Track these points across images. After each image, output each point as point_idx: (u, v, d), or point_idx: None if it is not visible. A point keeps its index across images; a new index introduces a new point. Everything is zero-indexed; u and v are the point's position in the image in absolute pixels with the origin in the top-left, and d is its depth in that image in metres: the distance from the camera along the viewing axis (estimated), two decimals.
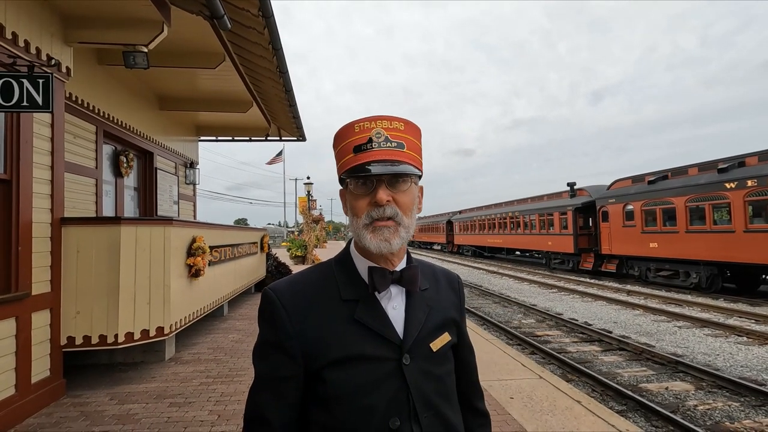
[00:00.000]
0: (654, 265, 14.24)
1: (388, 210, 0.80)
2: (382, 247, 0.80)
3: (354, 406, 0.77)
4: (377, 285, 0.82)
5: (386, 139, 0.81)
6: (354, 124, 0.83)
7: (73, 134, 5.03)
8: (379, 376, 0.79)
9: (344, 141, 0.84)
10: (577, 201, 18.34)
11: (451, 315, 0.94)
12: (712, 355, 6.52)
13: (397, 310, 0.85)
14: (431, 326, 0.87)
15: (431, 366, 0.84)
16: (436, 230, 41.14)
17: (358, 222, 0.82)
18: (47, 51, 3.69)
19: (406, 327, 0.83)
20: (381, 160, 0.80)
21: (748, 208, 10.90)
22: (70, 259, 3.93)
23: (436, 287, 0.95)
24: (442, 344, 0.88)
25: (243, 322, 6.93)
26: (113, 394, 3.84)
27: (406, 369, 0.80)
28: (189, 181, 9.05)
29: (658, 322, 8.84)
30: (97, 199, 5.60)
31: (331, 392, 0.78)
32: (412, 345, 0.82)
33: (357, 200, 0.82)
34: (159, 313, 4.34)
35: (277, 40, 4.93)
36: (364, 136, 0.81)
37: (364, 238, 0.81)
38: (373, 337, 0.80)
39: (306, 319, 0.81)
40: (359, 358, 0.79)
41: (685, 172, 13.31)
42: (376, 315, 0.82)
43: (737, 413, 4.47)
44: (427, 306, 0.89)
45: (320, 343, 0.79)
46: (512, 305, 11.37)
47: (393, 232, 0.81)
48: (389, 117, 0.83)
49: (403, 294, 0.87)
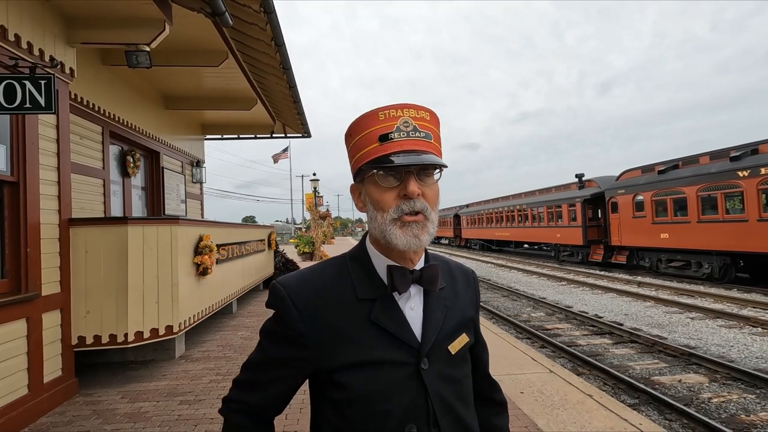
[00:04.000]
0: (665, 255, 14.05)
1: (419, 203, 0.75)
2: (412, 244, 0.75)
3: (368, 411, 0.74)
4: (397, 285, 0.77)
5: (414, 128, 0.77)
6: (378, 112, 0.78)
7: (79, 135, 5.05)
8: (397, 381, 0.75)
9: (366, 129, 0.78)
10: (585, 192, 18.14)
11: (468, 314, 0.90)
12: (725, 347, 6.42)
13: (414, 310, 0.81)
14: (449, 328, 0.83)
15: (450, 369, 0.81)
16: (444, 224, 41.06)
17: (384, 217, 0.76)
18: (50, 52, 3.70)
19: (424, 329, 0.79)
20: (410, 150, 0.75)
21: (762, 197, 10.69)
22: (79, 260, 3.96)
23: (452, 285, 0.90)
24: (461, 346, 0.84)
25: (252, 319, 6.96)
26: (125, 392, 3.88)
27: (425, 374, 0.77)
28: (196, 179, 9.09)
29: (669, 314, 8.73)
30: (105, 200, 5.63)
31: (345, 396, 0.75)
32: (431, 348, 0.79)
33: (383, 193, 0.77)
34: (168, 311, 4.37)
35: (280, 36, 4.90)
36: (390, 124, 0.76)
37: (392, 234, 0.75)
38: (391, 340, 0.77)
39: (317, 318, 0.77)
40: (375, 362, 0.75)
41: (696, 161, 13.09)
42: (394, 316, 0.78)
43: (753, 405, 4.40)
44: (444, 306, 0.85)
45: (334, 344, 0.76)
46: (521, 298, 11.30)
47: (422, 228, 0.76)
48: (416, 105, 0.79)
49: (421, 293, 0.82)
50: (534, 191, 23.69)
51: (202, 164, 9.38)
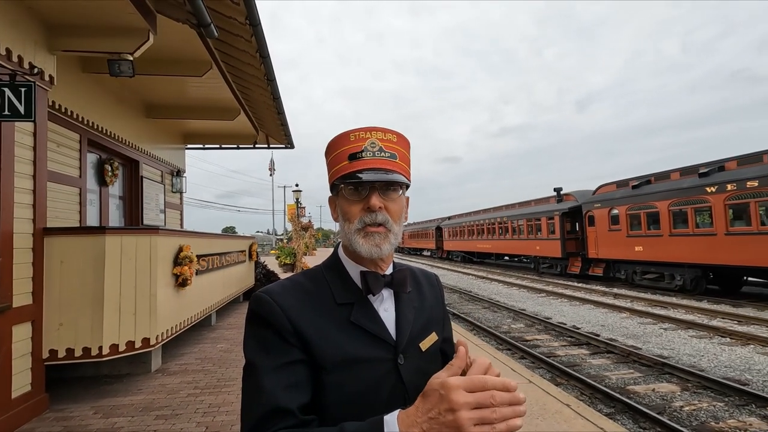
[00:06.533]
0: (640, 268, 14.46)
1: (380, 216, 0.83)
2: (373, 252, 0.83)
3: (354, 408, 0.78)
4: (371, 287, 0.84)
5: (380, 149, 0.85)
6: (349, 134, 0.86)
7: (56, 143, 4.95)
8: (378, 377, 0.81)
9: (339, 149, 0.86)
10: (563, 206, 18.59)
11: (435, 313, 0.99)
12: (696, 356, 6.64)
13: (388, 312, 0.88)
14: (419, 327, 0.91)
15: (423, 364, 0.88)
16: (426, 236, 41.24)
17: (350, 227, 0.85)
18: (30, 59, 3.64)
19: (398, 328, 0.87)
20: (375, 168, 0.83)
21: (729, 212, 11.18)
22: (53, 270, 3.85)
23: (418, 289, 0.99)
24: (431, 344, 0.92)
25: (232, 331, 6.85)
26: (98, 407, 3.76)
27: (402, 368, 0.83)
28: (176, 189, 8.95)
29: (644, 325, 8.98)
30: (81, 209, 5.50)
31: (331, 396, 0.78)
32: (405, 345, 0.86)
33: (350, 206, 0.85)
34: (145, 323, 4.27)
35: (265, 48, 4.94)
36: (359, 145, 0.84)
37: (356, 243, 0.84)
38: (370, 339, 0.83)
39: (302, 320, 0.80)
40: (359, 360, 0.80)
41: (667, 176, 13.61)
42: (371, 318, 0.85)
43: (722, 413, 4.55)
44: (413, 308, 0.92)
45: (319, 344, 0.79)
46: (502, 310, 11.43)
47: (383, 238, 0.84)
48: (383, 129, 0.87)
49: (392, 297, 0.90)
50: (514, 204, 24.12)
51: (182, 174, 9.26)
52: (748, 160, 11.06)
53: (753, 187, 10.46)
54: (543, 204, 20.77)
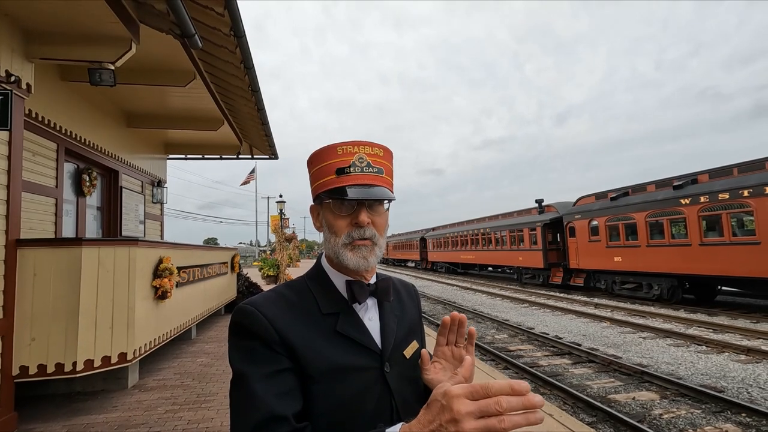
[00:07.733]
0: (619, 278, 14.77)
1: (368, 231, 0.85)
2: (360, 265, 0.85)
3: (342, 416, 0.78)
4: (357, 296, 0.85)
5: (368, 164, 0.86)
6: (336, 147, 0.86)
7: (31, 152, 4.82)
8: (366, 385, 0.81)
9: (325, 161, 0.86)
10: (545, 217, 18.91)
11: (414, 322, 1.01)
12: (674, 365, 6.78)
13: (372, 321, 0.89)
14: (402, 335, 0.93)
15: (408, 371, 0.89)
16: (410, 247, 41.29)
17: (337, 240, 0.86)
18: (6, 67, 3.57)
19: (383, 337, 0.88)
20: (363, 184, 0.84)
21: (702, 223, 11.55)
22: (26, 283, 3.73)
23: (398, 298, 1.01)
24: (413, 351, 0.93)
25: (212, 345, 6.69)
26: (70, 426, 3.61)
27: (388, 376, 0.84)
28: (156, 200, 8.79)
29: (624, 334, 9.14)
30: (57, 220, 5.34)
31: (319, 405, 0.77)
32: (391, 353, 0.87)
33: (338, 220, 0.86)
34: (122, 337, 4.15)
35: (249, 59, 4.94)
36: (347, 159, 0.85)
37: (344, 256, 0.85)
38: (357, 348, 0.83)
39: (288, 331, 0.79)
40: (346, 369, 0.80)
41: (644, 188, 14.01)
42: (357, 327, 0.86)
43: (699, 420, 4.65)
44: (395, 316, 0.94)
45: (305, 355, 0.78)
46: (486, 321, 11.48)
47: (370, 251, 0.86)
48: (371, 143, 0.88)
49: (376, 306, 0.91)
50: (497, 215, 24.42)
51: (163, 184, 9.10)
52: (720, 173, 11.50)
53: (724, 199, 10.86)
54: (525, 215, 21.09)
